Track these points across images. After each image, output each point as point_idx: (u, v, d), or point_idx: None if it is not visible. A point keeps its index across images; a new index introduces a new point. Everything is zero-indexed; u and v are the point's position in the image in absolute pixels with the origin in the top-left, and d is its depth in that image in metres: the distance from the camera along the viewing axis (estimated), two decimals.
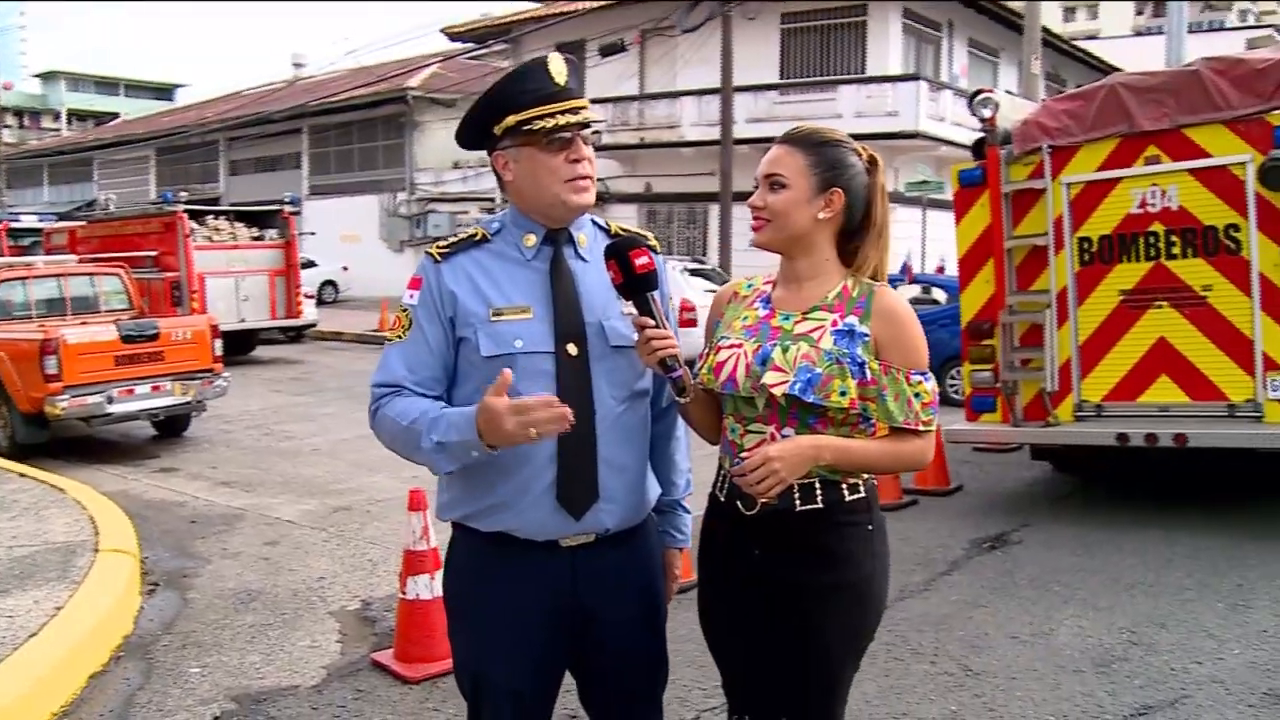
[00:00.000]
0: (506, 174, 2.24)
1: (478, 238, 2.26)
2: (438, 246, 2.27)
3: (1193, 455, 6.51)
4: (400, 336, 2.22)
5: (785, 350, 2.16)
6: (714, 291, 12.46)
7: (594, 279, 2.23)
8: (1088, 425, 6.73)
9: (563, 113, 2.15)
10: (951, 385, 11.62)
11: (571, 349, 2.18)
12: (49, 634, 4.45)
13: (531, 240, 2.24)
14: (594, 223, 2.34)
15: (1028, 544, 6.33)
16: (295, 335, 19.69)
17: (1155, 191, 6.45)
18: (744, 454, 2.17)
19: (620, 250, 2.14)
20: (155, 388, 9.48)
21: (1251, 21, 62.20)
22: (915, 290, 14.38)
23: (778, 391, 2.13)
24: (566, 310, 2.19)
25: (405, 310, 2.23)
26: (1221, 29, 54.02)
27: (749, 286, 2.39)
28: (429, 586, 4.45)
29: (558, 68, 2.19)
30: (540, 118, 2.15)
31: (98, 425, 9.58)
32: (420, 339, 2.19)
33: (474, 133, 2.27)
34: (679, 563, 2.54)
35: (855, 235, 2.29)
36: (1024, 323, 6.91)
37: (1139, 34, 53.98)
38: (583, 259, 2.27)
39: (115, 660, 4.63)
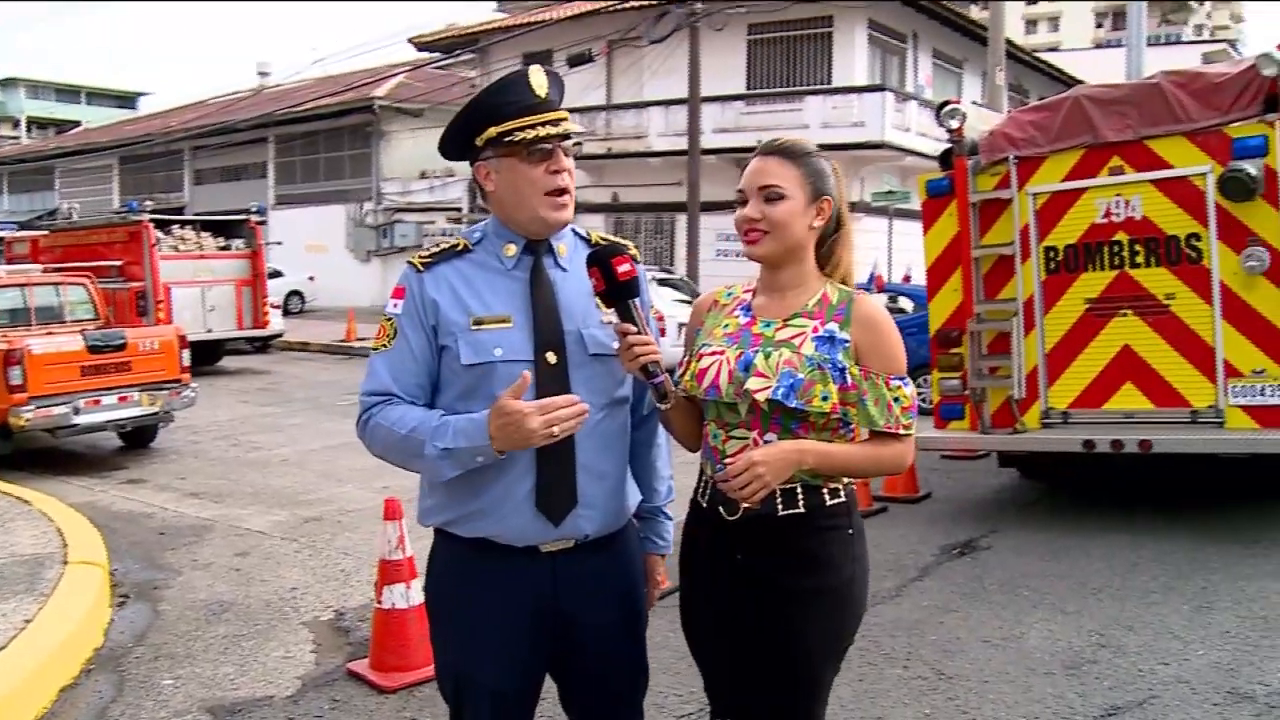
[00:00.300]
0: (488, 184, 2.27)
1: (459, 247, 2.29)
2: (420, 256, 2.29)
3: (1157, 461, 6.62)
4: (385, 345, 2.24)
5: (768, 356, 2.20)
6: (682, 301, 12.55)
7: (573, 288, 2.26)
8: (1054, 432, 6.83)
9: (544, 124, 2.19)
10: (919, 393, 11.73)
11: (551, 357, 2.21)
12: (18, 647, 4.40)
13: (512, 250, 2.27)
14: (574, 232, 2.37)
15: (997, 550, 6.41)
16: (262, 345, 19.56)
17: (1119, 201, 6.57)
18: (727, 459, 2.21)
19: (603, 258, 2.17)
20: (122, 398, 9.39)
21: (1207, 36, 63.33)
22: (883, 299, 14.49)
23: (761, 397, 2.17)
24: (546, 319, 2.22)
25: (390, 319, 2.25)
26: (1178, 42, 54.94)
27: (729, 295, 2.43)
28: (405, 595, 4.45)
29: (539, 80, 2.23)
30: (521, 129, 2.18)
31: (64, 436, 9.46)
32: (405, 347, 2.22)
33: (457, 144, 2.29)
34: (661, 569, 2.56)
35: (826, 239, 2.36)
36: (991, 331, 6.99)
37: (1099, 46, 54.75)
38: (562, 268, 2.30)
39: (86, 673, 4.59)
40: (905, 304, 13.55)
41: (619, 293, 2.16)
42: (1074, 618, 5.11)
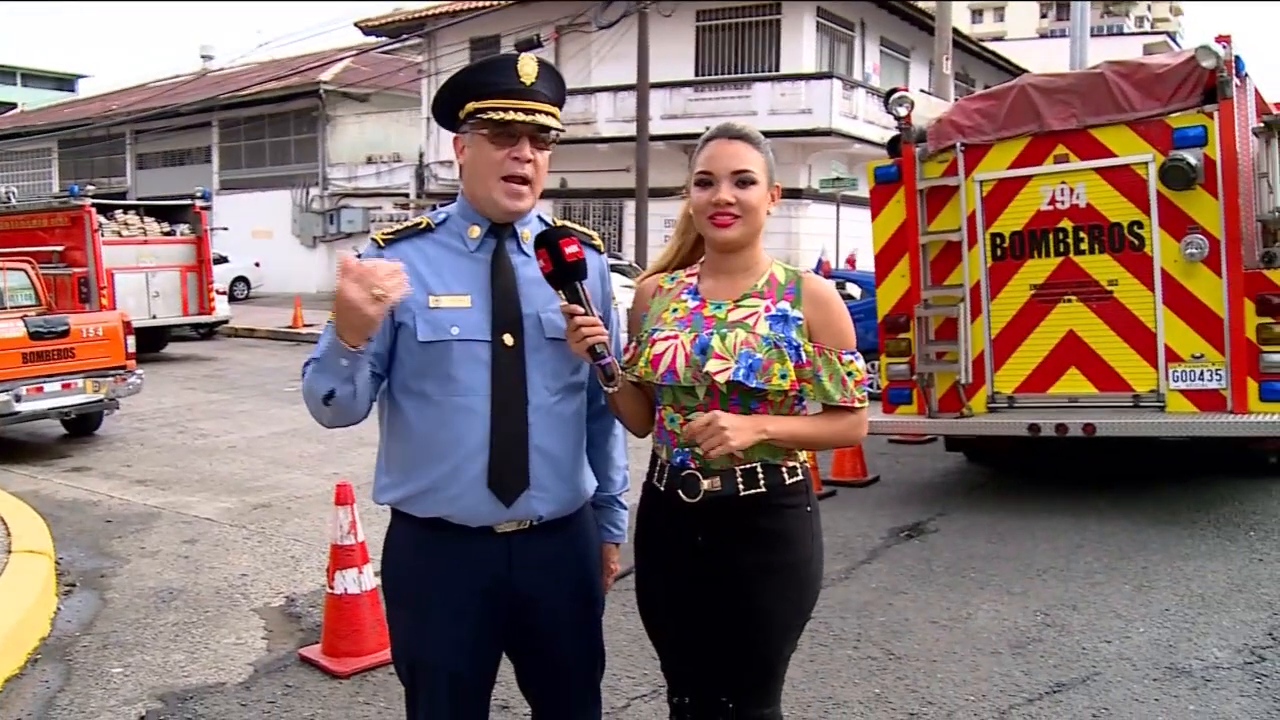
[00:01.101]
0: (460, 158, 2.29)
1: (422, 226, 2.30)
2: (382, 233, 2.29)
3: (1101, 444, 6.76)
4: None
5: (724, 338, 2.23)
6: (630, 288, 12.53)
7: (535, 273, 2.26)
8: (1000, 416, 6.94)
9: (518, 110, 2.18)
10: (869, 378, 11.85)
11: (508, 339, 2.22)
12: None
13: (476, 232, 2.28)
14: (541, 219, 2.37)
15: (944, 532, 6.51)
16: (208, 332, 19.33)
17: (1064, 189, 6.68)
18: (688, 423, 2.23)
19: (550, 239, 2.17)
20: (66, 385, 9.23)
21: (1147, 28, 64.37)
22: (830, 285, 14.59)
23: (721, 379, 2.19)
24: (504, 301, 2.23)
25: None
26: (1120, 34, 55.75)
27: (671, 279, 2.44)
28: (357, 580, 4.44)
29: (528, 69, 2.22)
30: (494, 109, 2.18)
31: (5, 424, 9.26)
32: None
33: (443, 113, 2.30)
34: (615, 557, 2.58)
35: None
36: (939, 317, 7.09)
37: (1043, 36, 55.49)
38: (525, 254, 2.30)
39: (32, 663, 4.52)
40: (853, 290, 13.64)
41: (566, 274, 2.17)
42: (1020, 598, 5.22)
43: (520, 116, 2.18)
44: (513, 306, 2.23)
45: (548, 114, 2.22)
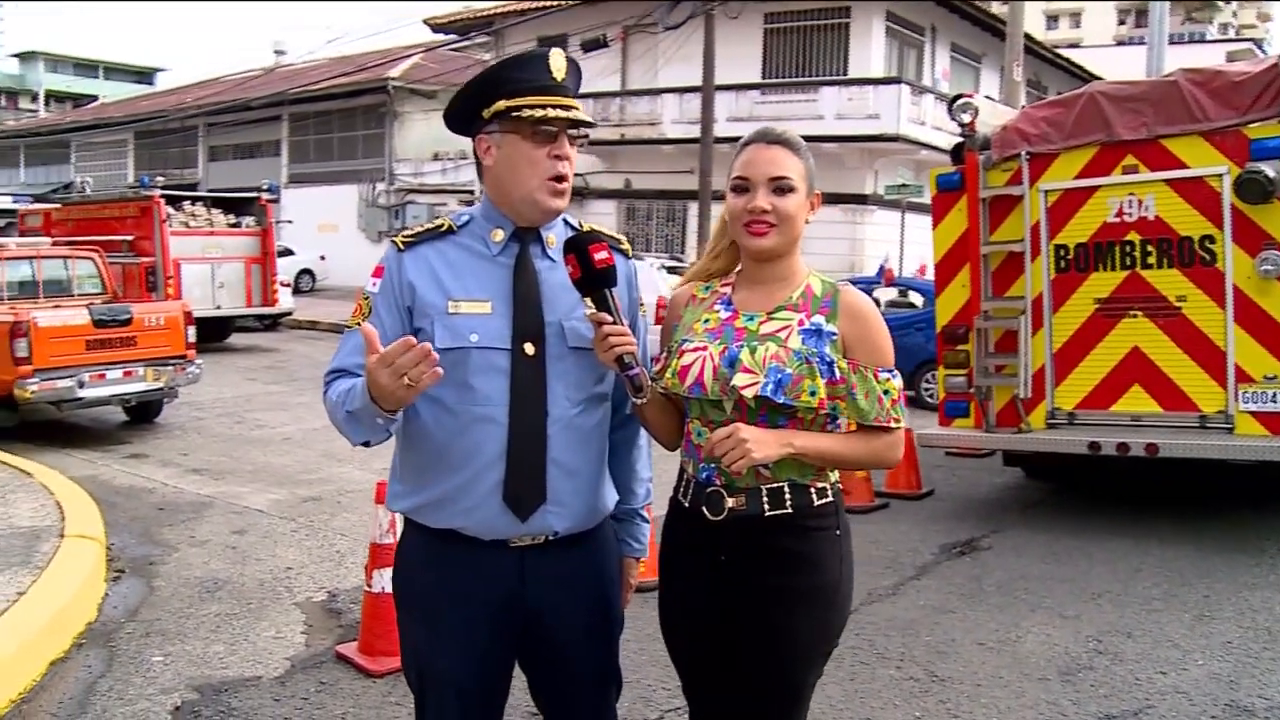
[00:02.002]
0: (487, 159, 2.21)
1: (444, 228, 2.24)
2: (402, 235, 2.24)
3: (1164, 465, 6.55)
4: (359, 323, 2.18)
5: (753, 351, 2.14)
6: None
7: (559, 279, 2.20)
8: (1060, 433, 6.77)
9: (554, 107, 2.12)
10: (926, 389, 11.66)
11: (529, 348, 2.15)
12: (9, 620, 4.39)
13: (499, 235, 2.21)
14: (566, 222, 2.30)
15: (997, 550, 6.35)
16: (271, 323, 19.58)
17: (1132, 201, 6.49)
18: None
19: (580, 245, 2.10)
20: (127, 373, 9.38)
21: (1231, 35, 62.83)
22: (893, 293, 14.41)
23: (749, 393, 2.11)
24: (526, 308, 2.17)
25: (367, 298, 2.21)
26: (1202, 41, 54.53)
27: (706, 289, 2.37)
28: None
29: (558, 63, 2.17)
30: (531, 106, 2.11)
31: (68, 410, 9.47)
32: (377, 326, 2.14)
33: (464, 112, 2.23)
34: (635, 571, 2.51)
35: None
36: (999, 329, 6.93)
37: (1121, 44, 54.38)
38: (550, 258, 2.23)
39: (77, 647, 4.57)
40: (916, 299, 13.45)
41: (595, 281, 2.10)
42: (1072, 622, 5.06)
43: (559, 113, 2.12)
44: (535, 314, 2.16)
45: (578, 110, 2.17)
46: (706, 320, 2.27)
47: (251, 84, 35.44)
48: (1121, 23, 66.41)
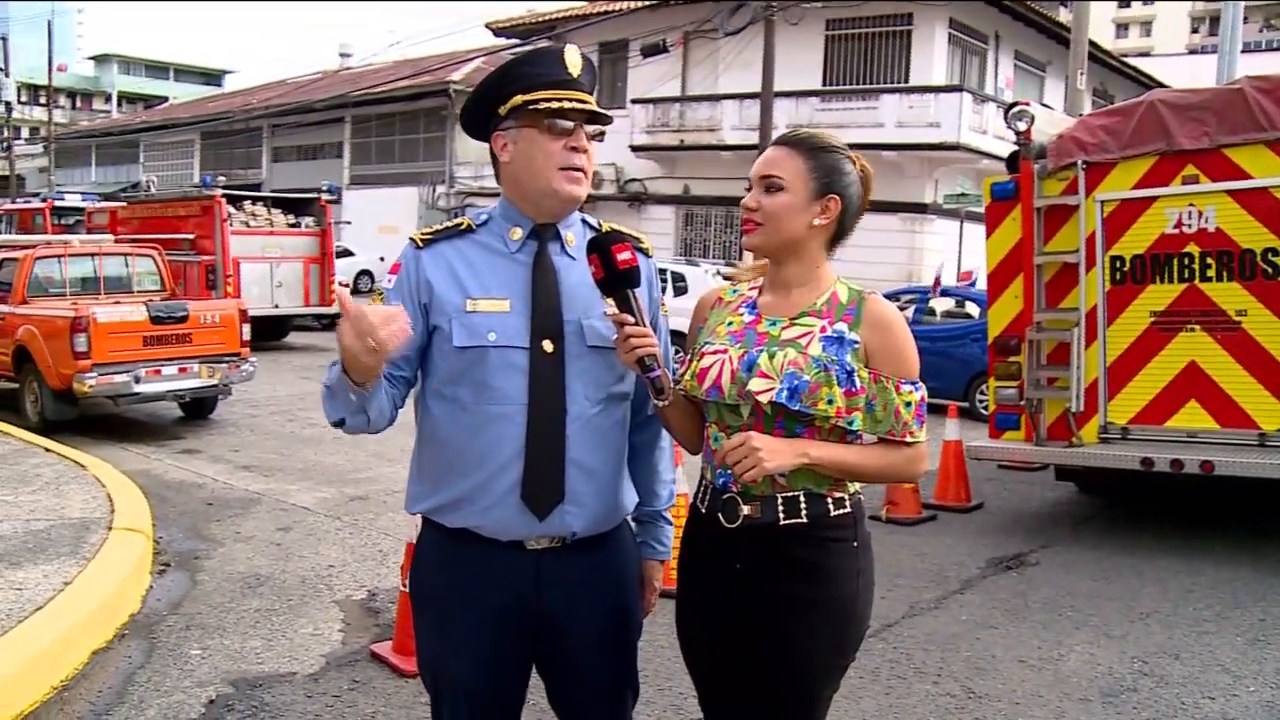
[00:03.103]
0: (504, 155, 2.19)
1: (463, 227, 2.23)
2: (421, 233, 2.23)
3: (1221, 484, 6.37)
4: None
5: (772, 356, 2.10)
6: None
7: (578, 277, 2.18)
8: (1112, 448, 6.62)
9: (570, 100, 2.11)
10: (981, 401, 11.50)
11: (547, 346, 2.13)
12: (55, 609, 4.47)
13: (518, 234, 2.20)
14: (585, 222, 2.29)
15: (1045, 565, 6.23)
16: (329, 323, 19.81)
17: (1192, 212, 6.34)
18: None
19: (602, 245, 2.08)
20: (182, 369, 9.55)
21: None
22: (949, 303, 14.23)
23: (764, 399, 2.07)
24: (545, 306, 2.15)
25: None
26: (1278, 49, 53.21)
27: (734, 292, 2.33)
28: None
29: (573, 59, 2.16)
30: (547, 99, 2.10)
31: (125, 404, 9.66)
32: None
33: (479, 110, 2.22)
34: (659, 575, 2.47)
35: (836, 243, 2.25)
36: (1051, 341, 6.80)
37: (1193, 52, 53.27)
38: (569, 256, 2.22)
39: (119, 638, 4.64)
40: (972, 309, 13.25)
41: (618, 281, 2.08)
42: (1118, 642, 4.93)
43: (575, 105, 2.11)
44: (554, 312, 2.14)
45: (593, 104, 2.15)
46: (730, 323, 2.24)
47: (315, 86, 35.96)
48: (1195, 31, 65.10)
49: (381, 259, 29.86)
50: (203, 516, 6.81)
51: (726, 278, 14.60)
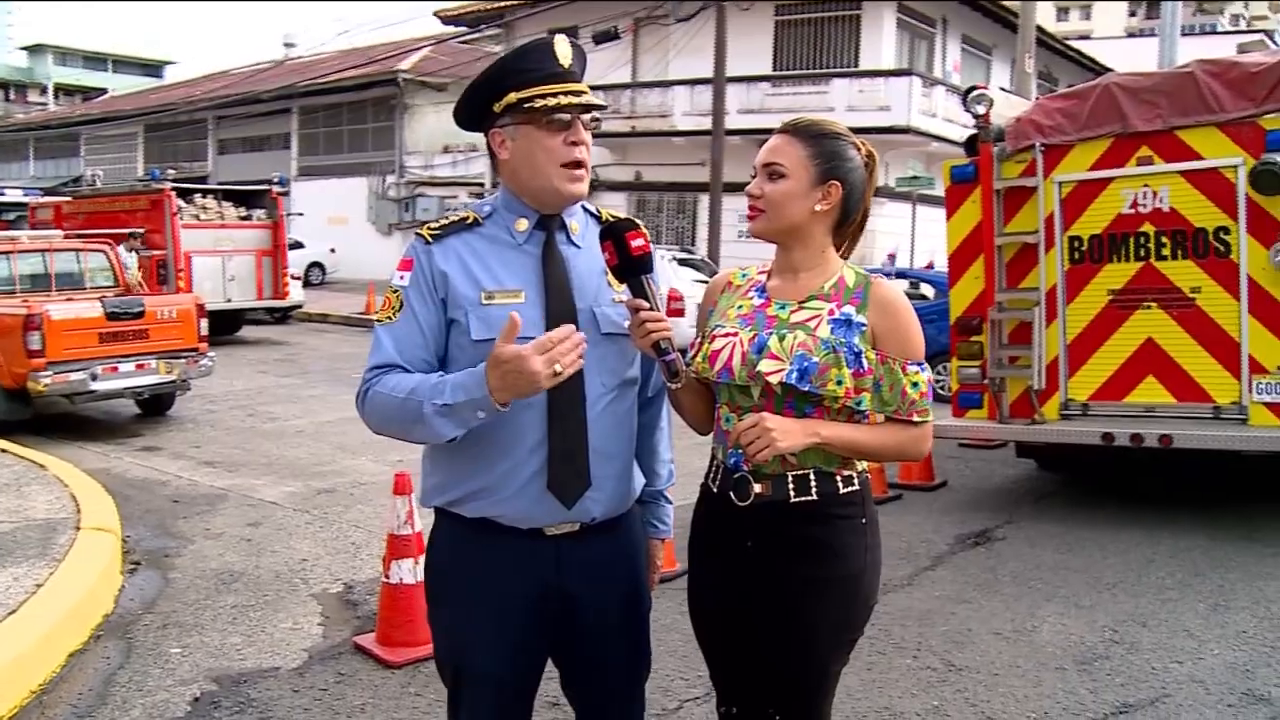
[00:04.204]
0: (502, 153, 2.21)
1: (469, 221, 2.23)
2: (429, 228, 2.23)
3: (1178, 456, 6.54)
4: (390, 318, 2.18)
5: (782, 339, 2.15)
6: (702, 281, 12.41)
7: (585, 265, 2.21)
8: (1074, 424, 6.75)
9: (565, 94, 2.13)
10: (939, 381, 11.64)
11: None
12: (28, 611, 4.42)
13: (523, 225, 2.21)
14: (585, 209, 2.31)
15: (1011, 541, 6.35)
16: (281, 316, 19.62)
17: (1147, 192, 6.47)
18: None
19: (617, 232, 2.12)
20: (140, 366, 9.42)
21: (1243, 26, 62.50)
22: (904, 285, 14.38)
23: (774, 380, 2.12)
24: (558, 295, 2.17)
25: (396, 291, 2.19)
26: (1213, 32, 54.18)
27: (743, 276, 2.39)
28: (413, 571, 4.43)
29: (564, 50, 2.17)
30: (543, 96, 2.12)
31: (81, 402, 9.50)
32: (411, 320, 2.16)
33: (473, 109, 2.23)
34: (661, 553, 2.53)
35: (843, 228, 2.30)
36: (1012, 320, 6.91)
37: (1131, 35, 54.12)
38: (575, 245, 2.24)
39: (95, 639, 4.60)
40: (927, 290, 13.42)
41: (632, 268, 2.12)
42: (1088, 612, 5.06)
43: (571, 100, 2.13)
44: (567, 301, 2.17)
45: (588, 95, 2.17)
46: (740, 307, 2.29)
47: (261, 77, 35.46)
48: (1132, 14, 66.09)
49: (332, 250, 29.65)
50: (169, 514, 6.74)
51: (683, 263, 14.54)
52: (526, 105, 2.13)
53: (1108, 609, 5.11)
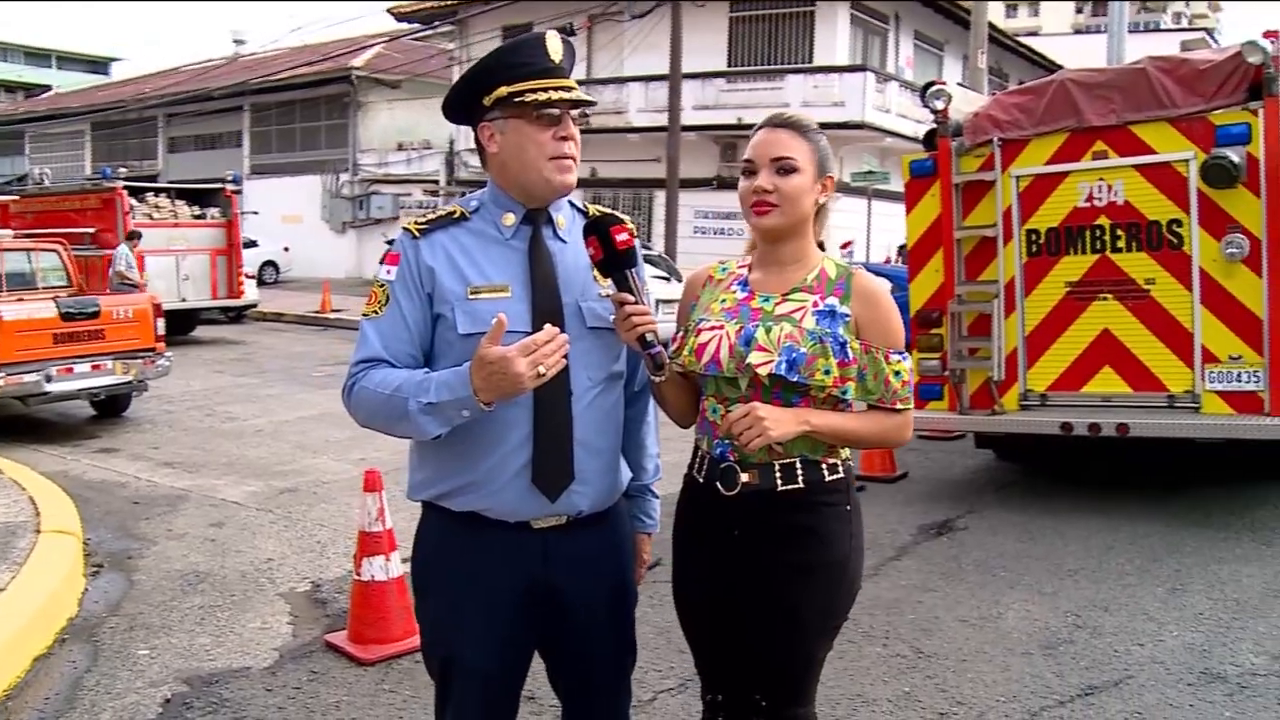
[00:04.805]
0: (491, 146, 2.22)
1: (456, 215, 2.24)
2: (415, 222, 2.24)
3: (1134, 444, 6.67)
4: (377, 312, 2.18)
5: (769, 331, 2.19)
6: (660, 277, 12.37)
7: (572, 260, 2.23)
8: (1033, 414, 6.86)
9: (556, 89, 2.14)
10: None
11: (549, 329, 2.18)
12: None
13: (510, 219, 2.23)
14: (572, 204, 2.33)
15: (973, 530, 6.45)
16: (236, 316, 19.42)
17: (1102, 186, 6.58)
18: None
19: (601, 226, 2.14)
20: (95, 366, 9.28)
21: (1185, 24, 63.66)
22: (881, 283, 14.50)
23: (763, 371, 2.16)
24: (545, 290, 2.18)
25: (382, 285, 2.19)
26: (1157, 30, 55.11)
27: (723, 270, 2.41)
28: (384, 568, 4.43)
29: (554, 45, 2.19)
30: (533, 90, 2.13)
31: (35, 404, 9.34)
32: (397, 315, 2.16)
33: (463, 101, 2.24)
34: (648, 547, 2.55)
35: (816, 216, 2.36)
36: (972, 312, 7.00)
37: (1079, 32, 54.90)
38: (561, 240, 2.26)
39: (60, 643, 4.54)
40: (884, 284, 13.54)
41: (617, 262, 2.14)
42: (1051, 598, 5.15)
43: (561, 95, 2.15)
44: (553, 296, 2.18)
45: (577, 90, 2.19)
46: (723, 300, 2.31)
47: (212, 74, 35.02)
48: (1079, 11, 67.07)
49: (286, 249, 29.39)
50: (130, 515, 6.66)
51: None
52: (517, 99, 2.14)
53: (1070, 595, 5.20)
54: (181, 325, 16.37)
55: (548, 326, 2.01)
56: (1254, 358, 6.21)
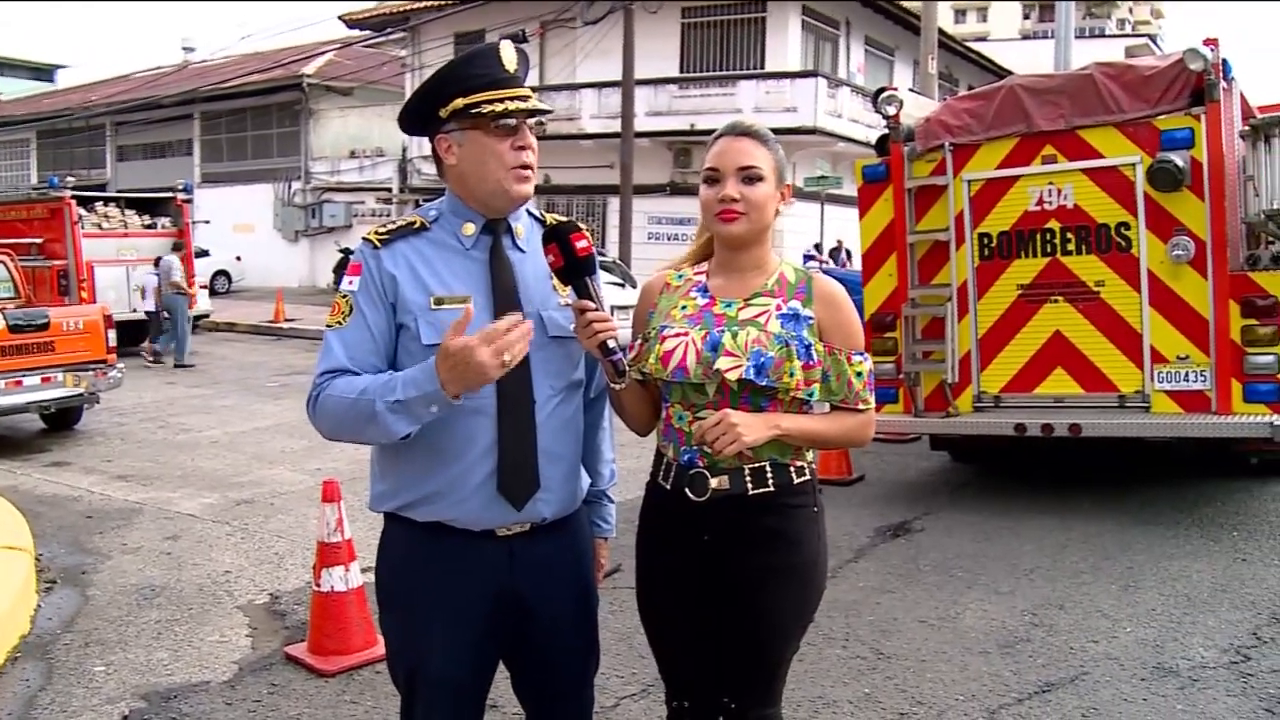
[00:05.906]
0: (449, 158, 2.22)
1: (416, 225, 2.24)
2: (376, 233, 2.24)
3: (1086, 444, 6.77)
4: (340, 322, 2.17)
5: (735, 336, 2.21)
6: (614, 284, 12.34)
7: (531, 269, 2.24)
8: (987, 416, 6.95)
9: (512, 99, 2.15)
10: None
11: None
12: None
13: (470, 229, 2.23)
14: (530, 213, 2.34)
15: (930, 531, 6.52)
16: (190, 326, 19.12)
17: (1052, 190, 6.68)
18: (694, 440, 2.22)
19: (561, 234, 2.15)
20: (45, 379, 9.13)
21: (1129, 30, 64.77)
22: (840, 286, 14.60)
23: (732, 376, 2.18)
24: (506, 300, 2.19)
25: (345, 296, 2.19)
26: (1102, 35, 56.03)
27: (679, 276, 2.43)
28: (344, 578, 4.40)
29: (509, 55, 2.19)
30: (489, 101, 2.14)
31: None
32: (361, 324, 2.16)
33: (419, 114, 2.24)
34: (605, 552, 2.57)
35: None
36: (925, 316, 7.08)
37: (1026, 37, 55.64)
38: (520, 249, 2.27)
39: (12, 661, 4.47)
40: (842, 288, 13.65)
41: (577, 269, 2.15)
42: (1007, 598, 5.22)
43: (518, 105, 2.15)
44: (514, 305, 2.18)
45: (534, 99, 2.20)
46: (684, 306, 2.33)
47: (161, 81, 34.55)
48: (1026, 17, 67.97)
49: (238, 258, 29.08)
50: (83, 530, 6.56)
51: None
52: (474, 111, 2.15)
53: (1026, 594, 5.28)
54: (133, 336, 16.13)
55: (510, 315, 2.00)
56: (1201, 358, 6.34)
